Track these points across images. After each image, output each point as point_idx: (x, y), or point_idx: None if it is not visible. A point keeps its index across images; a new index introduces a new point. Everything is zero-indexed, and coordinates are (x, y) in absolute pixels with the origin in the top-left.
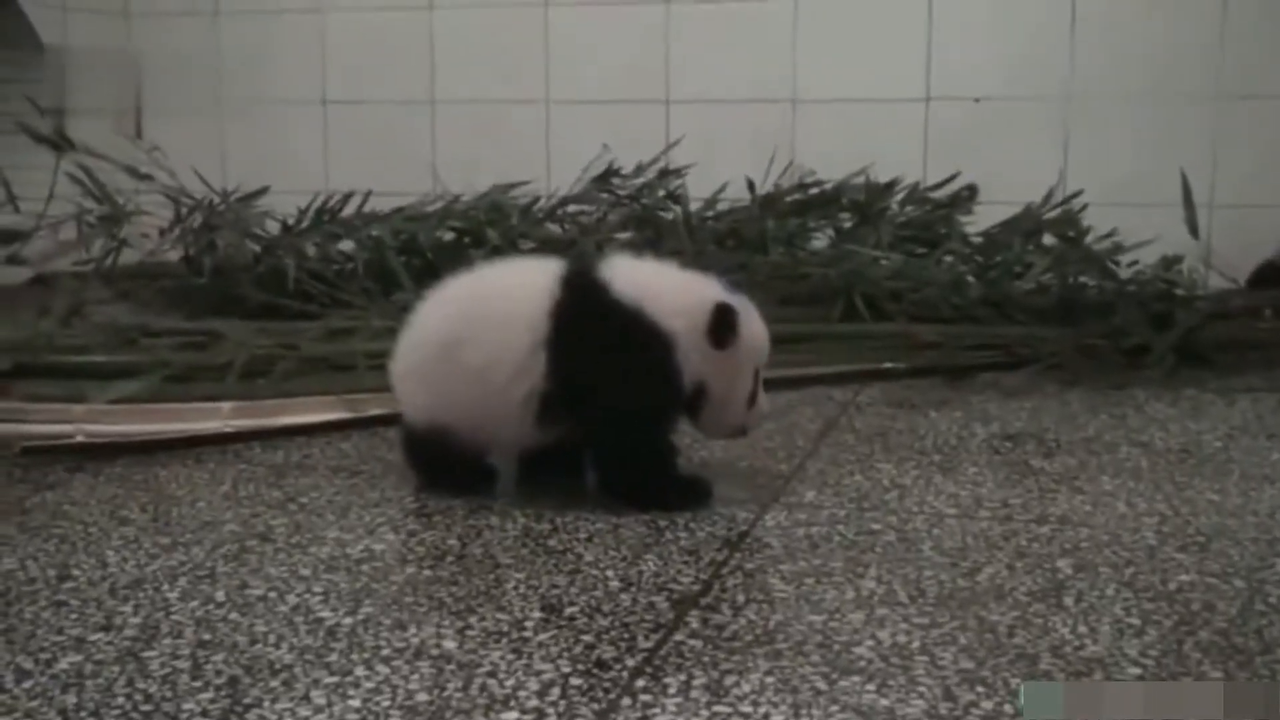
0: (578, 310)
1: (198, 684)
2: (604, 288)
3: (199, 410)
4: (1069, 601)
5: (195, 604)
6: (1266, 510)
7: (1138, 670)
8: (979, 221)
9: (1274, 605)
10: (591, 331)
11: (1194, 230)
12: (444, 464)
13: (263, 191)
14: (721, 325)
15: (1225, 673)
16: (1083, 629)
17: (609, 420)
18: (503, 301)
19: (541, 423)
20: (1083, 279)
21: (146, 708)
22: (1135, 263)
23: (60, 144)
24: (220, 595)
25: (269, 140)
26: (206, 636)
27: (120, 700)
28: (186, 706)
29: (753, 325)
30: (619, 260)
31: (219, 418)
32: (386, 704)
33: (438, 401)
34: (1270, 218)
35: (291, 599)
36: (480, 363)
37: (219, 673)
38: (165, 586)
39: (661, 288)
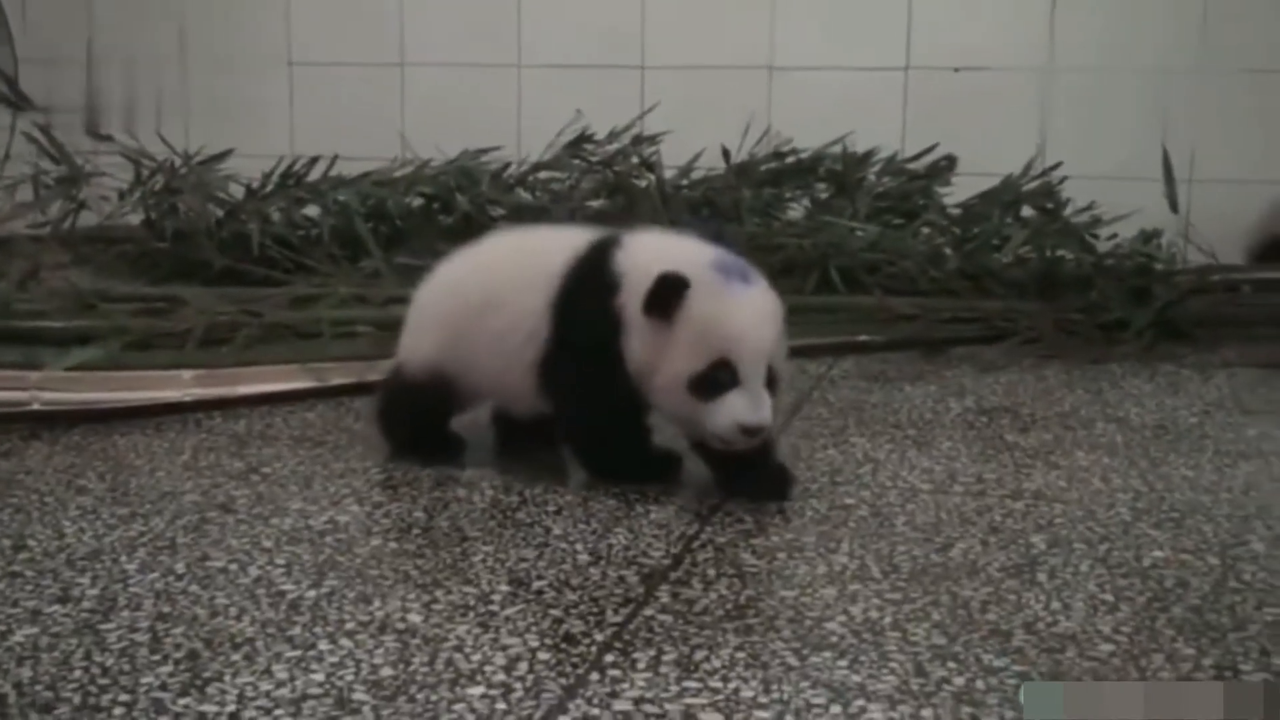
0: (577, 277)
1: (156, 657)
2: (608, 258)
3: (159, 378)
4: (1042, 577)
5: (154, 576)
6: (1240, 487)
7: (1110, 646)
8: (957, 193)
9: (1247, 583)
10: (574, 299)
11: (1174, 204)
12: (426, 420)
13: (226, 154)
14: (657, 295)
15: (1198, 649)
16: (1056, 605)
17: (570, 391)
18: (529, 265)
19: (541, 389)
20: (1061, 252)
21: (104, 681)
22: (1114, 236)
23: (16, 102)
24: (180, 567)
25: (233, 102)
26: (166, 609)
27: (77, 674)
28: (145, 680)
29: (722, 309)
30: (645, 233)
31: (179, 386)
32: (350, 678)
33: (454, 355)
34: (1249, 192)
35: (253, 571)
36: (503, 326)
37: (178, 646)
38: (123, 558)
39: (651, 261)
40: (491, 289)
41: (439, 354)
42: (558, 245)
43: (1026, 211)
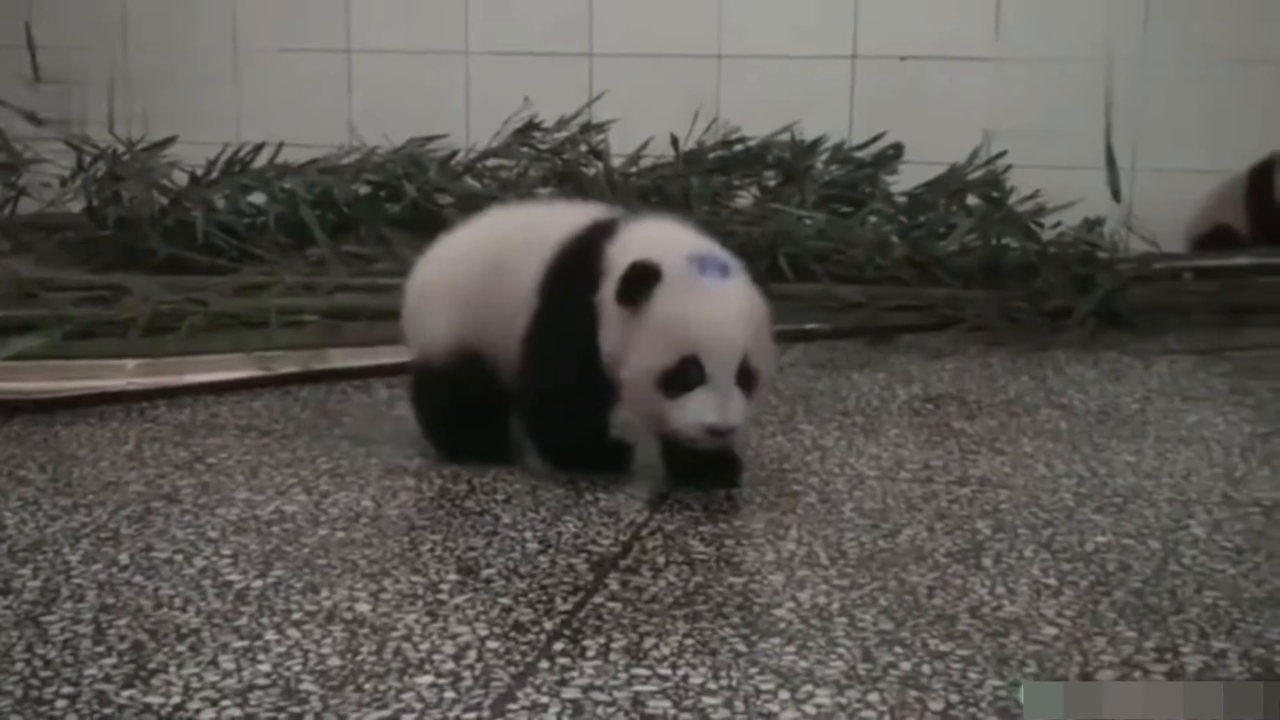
0: (564, 259)
1: (100, 649)
2: (599, 243)
3: (102, 367)
4: (988, 562)
5: (98, 567)
6: (1181, 472)
7: (1054, 630)
8: (903, 181)
9: (1187, 566)
10: (560, 281)
11: (1116, 193)
12: (468, 407)
13: (170, 141)
14: (627, 284)
15: (1139, 632)
16: (1001, 590)
17: (539, 371)
18: (530, 238)
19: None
20: (1006, 240)
21: (46, 673)
22: (1058, 224)
23: None
24: (124, 558)
25: (177, 88)
26: (109, 600)
27: (19, 666)
28: (89, 672)
29: (692, 304)
30: (645, 221)
31: (123, 375)
32: (298, 668)
33: (472, 327)
34: (1191, 181)
35: (199, 561)
36: (503, 296)
37: (122, 637)
38: (66, 549)
39: (635, 250)
40: (499, 256)
41: (461, 330)
42: (559, 222)
43: (972, 200)
